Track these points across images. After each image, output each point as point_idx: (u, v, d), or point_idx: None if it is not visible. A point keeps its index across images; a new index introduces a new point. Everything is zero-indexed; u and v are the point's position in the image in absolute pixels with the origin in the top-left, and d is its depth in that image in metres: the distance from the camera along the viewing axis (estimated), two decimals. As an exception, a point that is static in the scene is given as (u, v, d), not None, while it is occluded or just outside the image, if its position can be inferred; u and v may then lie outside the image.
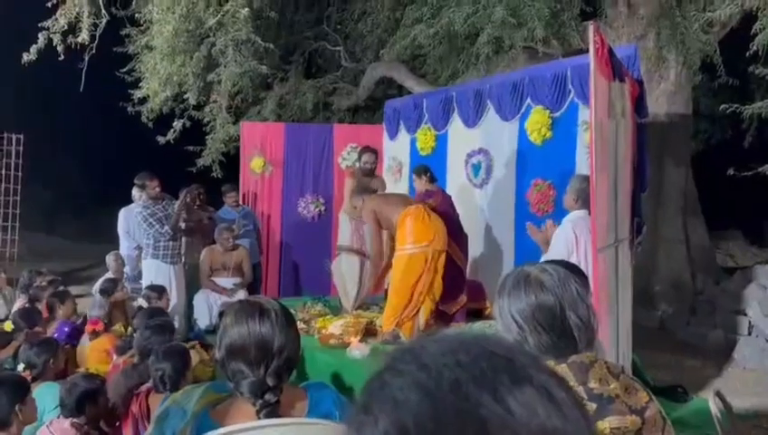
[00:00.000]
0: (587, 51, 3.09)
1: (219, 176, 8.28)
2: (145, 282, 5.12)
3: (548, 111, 5.01)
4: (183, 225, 5.44)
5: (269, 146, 7.29)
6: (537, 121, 5.07)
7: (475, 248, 5.61)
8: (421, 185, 5.18)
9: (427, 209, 4.46)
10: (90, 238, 10.50)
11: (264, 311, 1.28)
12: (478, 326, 1.43)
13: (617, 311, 3.14)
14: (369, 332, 4.70)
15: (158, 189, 5.19)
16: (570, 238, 3.34)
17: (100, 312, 4.18)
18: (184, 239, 5.74)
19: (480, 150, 5.78)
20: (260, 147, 7.25)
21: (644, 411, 1.10)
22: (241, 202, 7.12)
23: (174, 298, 5.11)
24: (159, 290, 4.54)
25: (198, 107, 8.34)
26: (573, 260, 3.32)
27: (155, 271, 5.15)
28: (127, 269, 5.82)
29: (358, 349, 4.15)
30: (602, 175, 3.08)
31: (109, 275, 5.45)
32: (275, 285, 7.30)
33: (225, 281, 5.84)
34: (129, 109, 8.32)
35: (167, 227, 5.03)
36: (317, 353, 4.31)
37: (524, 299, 1.14)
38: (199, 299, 5.66)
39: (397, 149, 6.86)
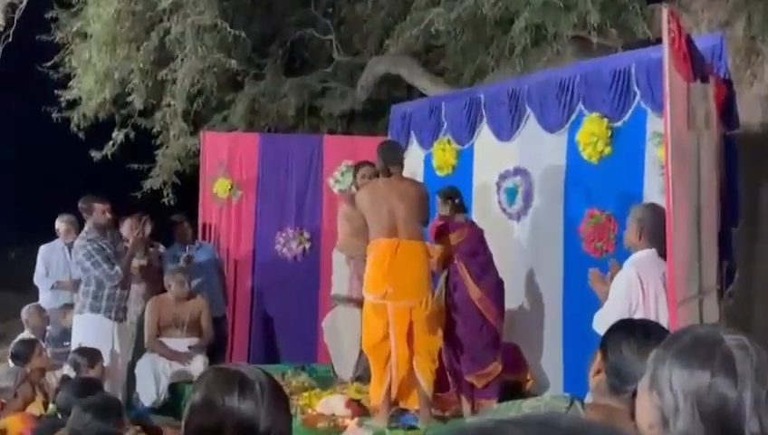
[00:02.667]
0: (654, 41, 3.14)
1: (172, 202, 8.32)
2: (75, 344, 5.09)
3: (606, 120, 5.05)
4: (136, 262, 5.46)
5: (238, 163, 7.35)
6: (592, 133, 5.11)
7: (510, 300, 5.52)
8: (446, 212, 5.25)
9: (399, 247, 4.61)
10: (3, 286, 10.50)
11: (246, 383, 1.30)
12: (528, 405, 1.41)
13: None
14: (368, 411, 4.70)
15: (108, 216, 5.22)
16: (633, 287, 3.37)
17: (8, 383, 4.16)
18: (133, 287, 5.77)
19: (516, 171, 5.81)
20: (226, 164, 7.31)
21: None
22: (200, 237, 7.15)
23: (113, 363, 5.07)
24: (91, 355, 4.53)
25: (146, 112, 8.43)
26: (639, 315, 3.33)
27: (93, 330, 5.13)
28: (49, 327, 5.82)
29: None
30: (681, 205, 3.09)
31: (25, 334, 5.44)
32: (243, 346, 7.27)
33: (178, 342, 5.83)
34: (55, 114, 8.41)
35: (117, 268, 5.04)
36: (300, 442, 4.28)
37: (697, 371, 1.14)
38: (143, 366, 5.64)
39: (407, 168, 6.86)
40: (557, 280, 5.44)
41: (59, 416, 3.44)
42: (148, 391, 5.56)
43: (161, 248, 6.32)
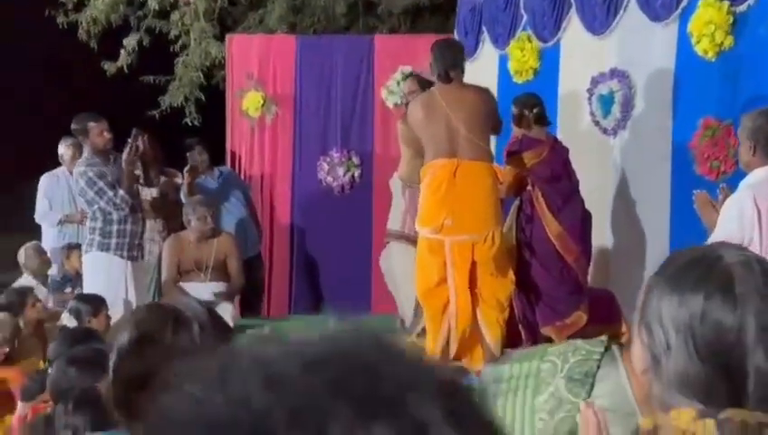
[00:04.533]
0: None
1: (196, 122, 8.43)
2: (86, 288, 5.26)
3: (727, 4, 4.82)
4: (148, 193, 5.53)
5: (271, 73, 7.37)
6: (709, 21, 4.88)
7: (603, 236, 5.49)
8: (523, 126, 5.19)
9: (459, 169, 4.54)
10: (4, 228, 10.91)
11: (182, 321, 1.31)
12: (555, 351, 1.36)
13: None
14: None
15: (107, 137, 5.31)
16: (747, 213, 3.29)
17: (1, 334, 4.34)
18: (149, 223, 5.88)
19: (613, 73, 5.68)
20: (257, 75, 7.33)
21: None
22: (228, 164, 7.23)
23: (128, 312, 5.22)
24: (96, 302, 4.65)
25: (164, 14, 8.48)
26: (754, 249, 3.21)
27: (103, 271, 5.26)
28: (53, 270, 6.02)
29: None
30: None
31: (23, 280, 5.64)
32: (283, 294, 7.41)
33: (201, 288, 5.93)
34: (60, 19, 8.55)
35: (121, 193, 5.14)
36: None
37: (688, 297, 1.13)
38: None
39: (477, 74, 6.76)
40: (663, 210, 5.31)
41: (49, 371, 3.56)
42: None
43: (180, 179, 6.40)
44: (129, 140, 5.19)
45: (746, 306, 1.11)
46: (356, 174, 7.39)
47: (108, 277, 5.26)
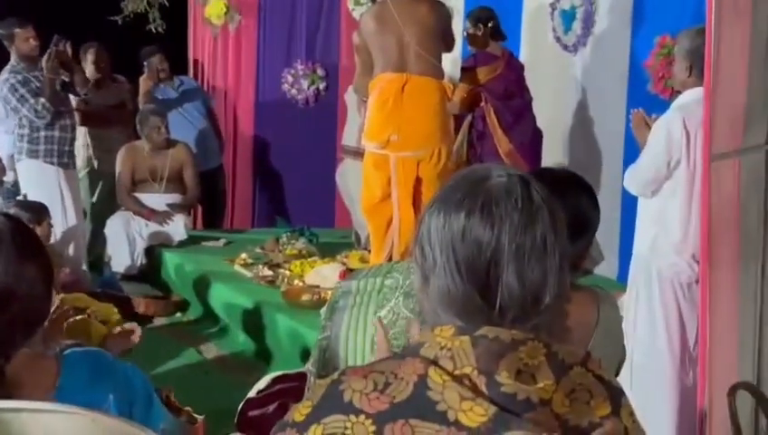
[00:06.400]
0: None
1: (160, 29, 8.23)
2: (22, 196, 5.25)
3: None
4: (73, 99, 5.46)
5: (235, -21, 7.20)
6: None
7: (558, 154, 5.46)
8: (477, 42, 5.12)
9: (408, 84, 4.46)
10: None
11: None
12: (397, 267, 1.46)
13: (757, 269, 2.96)
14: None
15: (33, 43, 5.21)
16: (675, 135, 3.21)
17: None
18: (83, 131, 5.84)
19: (575, -13, 5.56)
20: (220, -20, 7.16)
21: (589, 431, 1.06)
22: (191, 74, 7.13)
23: (65, 221, 5.23)
24: (37, 209, 4.63)
25: None
26: (682, 176, 3.20)
27: (35, 177, 5.25)
28: (8, 177, 5.97)
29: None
30: (738, 20, 2.87)
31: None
32: (246, 206, 7.41)
33: (156, 198, 5.93)
34: None
35: (42, 100, 5.08)
36: (279, 317, 4.39)
37: (452, 215, 1.14)
38: (115, 226, 5.81)
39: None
40: (619, 129, 5.27)
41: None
42: (121, 255, 5.74)
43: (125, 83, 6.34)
44: (51, 46, 5.10)
45: (503, 226, 1.11)
46: (321, 87, 7.30)
47: (40, 184, 5.24)
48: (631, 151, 5.17)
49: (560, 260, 1.14)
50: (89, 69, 6.26)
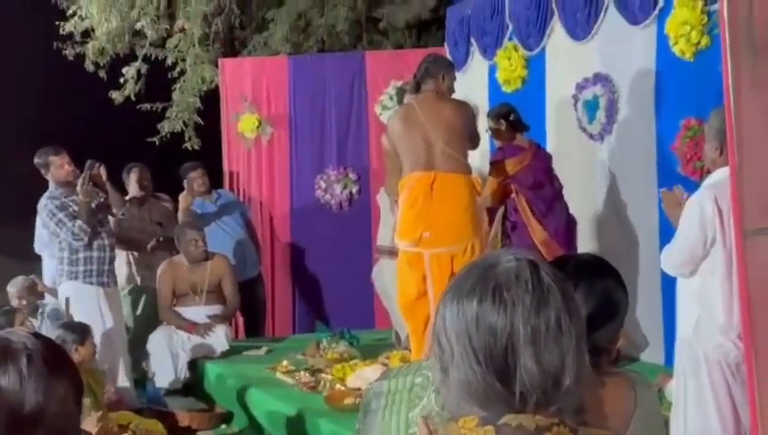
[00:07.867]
0: None
1: (196, 147, 8.48)
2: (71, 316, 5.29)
3: (701, 2, 4.78)
4: (111, 222, 5.57)
5: (264, 94, 7.41)
6: (684, 21, 4.86)
7: (592, 242, 5.47)
8: (501, 135, 5.21)
9: (436, 181, 4.51)
10: (9, 253, 10.95)
11: (9, 352, 1.30)
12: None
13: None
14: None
15: (68, 169, 5.36)
16: (708, 216, 3.18)
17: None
18: (126, 254, 5.95)
19: (597, 78, 5.65)
20: (250, 98, 7.37)
21: None
22: (226, 186, 7.26)
23: (108, 340, 5.25)
24: (81, 330, 4.66)
25: (161, 42, 8.56)
26: (719, 254, 3.14)
27: (75, 298, 5.31)
28: (49, 300, 6.05)
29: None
30: (758, 94, 2.87)
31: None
32: (287, 313, 7.42)
33: (196, 311, 5.96)
34: (67, 51, 8.64)
35: (79, 223, 5.19)
36: (322, 422, 4.32)
37: (465, 303, 1.15)
38: (157, 342, 5.82)
39: (468, 85, 6.73)
40: (651, 213, 5.24)
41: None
42: (165, 369, 5.73)
43: (168, 204, 6.47)
44: (85, 170, 5.25)
45: (516, 310, 1.11)
46: (353, 190, 7.39)
47: (81, 306, 5.28)
48: (666, 233, 5.13)
49: (577, 341, 1.13)
50: (132, 188, 6.43)
